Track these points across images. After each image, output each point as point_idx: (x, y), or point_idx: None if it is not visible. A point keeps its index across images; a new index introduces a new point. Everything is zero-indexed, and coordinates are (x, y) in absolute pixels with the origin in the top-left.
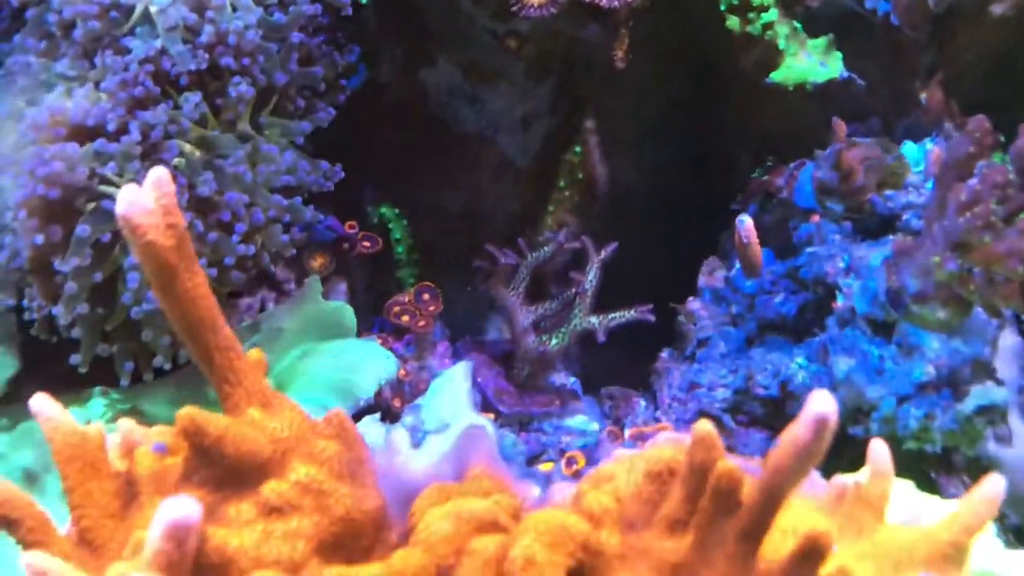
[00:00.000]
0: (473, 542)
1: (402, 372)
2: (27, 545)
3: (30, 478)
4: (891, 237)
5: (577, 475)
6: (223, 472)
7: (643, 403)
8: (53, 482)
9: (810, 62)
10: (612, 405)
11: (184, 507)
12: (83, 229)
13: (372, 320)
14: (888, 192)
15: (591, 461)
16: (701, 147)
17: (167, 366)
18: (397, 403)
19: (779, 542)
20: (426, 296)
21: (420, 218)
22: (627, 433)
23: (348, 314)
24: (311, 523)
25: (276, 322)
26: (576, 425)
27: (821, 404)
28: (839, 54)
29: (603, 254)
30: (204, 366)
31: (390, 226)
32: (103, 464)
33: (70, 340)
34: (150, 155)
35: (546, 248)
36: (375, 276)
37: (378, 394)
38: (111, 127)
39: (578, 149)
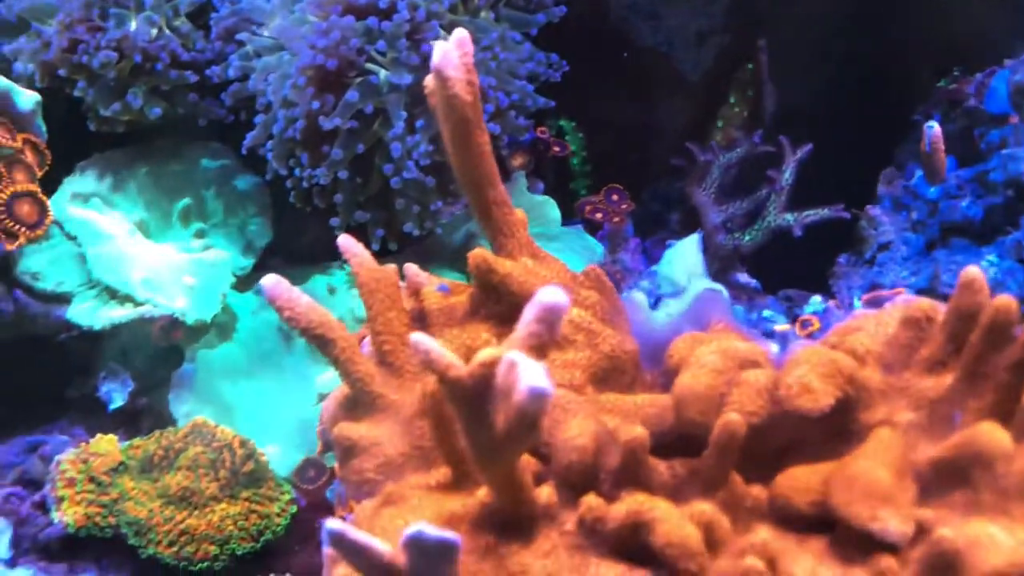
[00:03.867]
0: (744, 374)
1: None
2: (340, 362)
3: (283, 334)
4: None
5: (811, 336)
6: (506, 308)
7: (821, 302)
8: (300, 339)
9: None
10: (791, 305)
11: (557, 294)
12: (352, 95)
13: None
14: None
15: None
16: (871, 65)
17: (416, 232)
18: None
19: None
20: (615, 197)
21: (594, 131)
22: (863, 298)
23: (553, 206)
24: (584, 356)
25: None
26: (766, 317)
27: None
28: None
29: (799, 154)
30: (482, 218)
31: (567, 138)
32: (399, 298)
33: (319, 212)
34: (413, 35)
35: (739, 149)
36: (557, 181)
37: None
38: (382, 4)
39: (749, 66)
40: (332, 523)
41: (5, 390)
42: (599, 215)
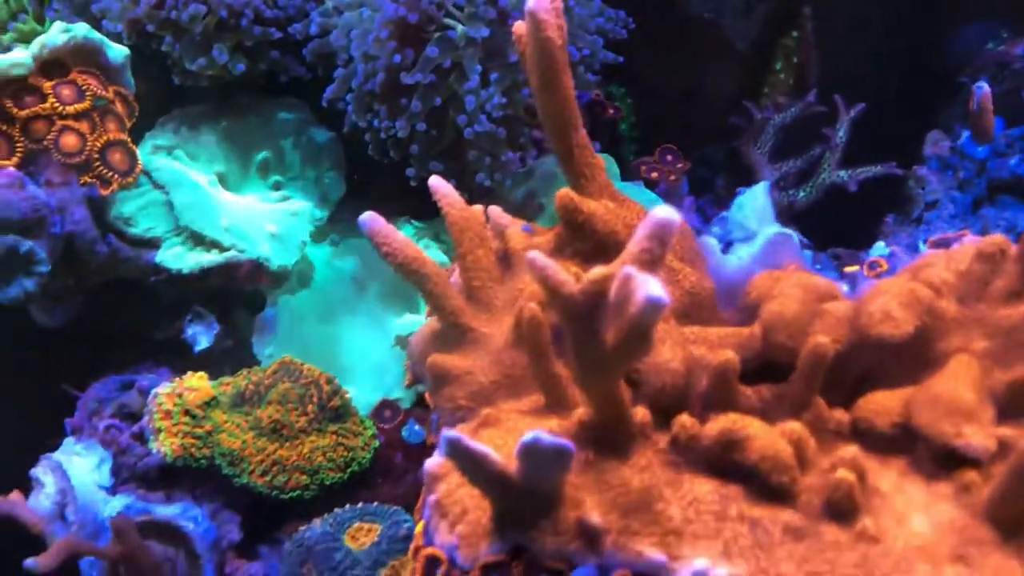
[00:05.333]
0: (826, 305)
1: None
2: (433, 296)
3: (357, 282)
4: None
5: (879, 278)
6: (590, 246)
7: (884, 247)
8: (373, 287)
9: None
10: (839, 263)
11: (669, 211)
12: (432, 50)
13: None
14: None
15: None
16: (917, 31)
17: (487, 182)
18: None
19: None
20: (669, 157)
21: (642, 97)
22: (928, 241)
23: (613, 163)
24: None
25: (549, 169)
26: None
27: None
28: None
29: (852, 112)
30: (565, 161)
31: (616, 103)
32: (487, 237)
33: (388, 167)
34: None
35: (793, 109)
36: (607, 145)
37: None
38: None
39: (795, 34)
40: (449, 432)
41: (97, 331)
42: (655, 174)
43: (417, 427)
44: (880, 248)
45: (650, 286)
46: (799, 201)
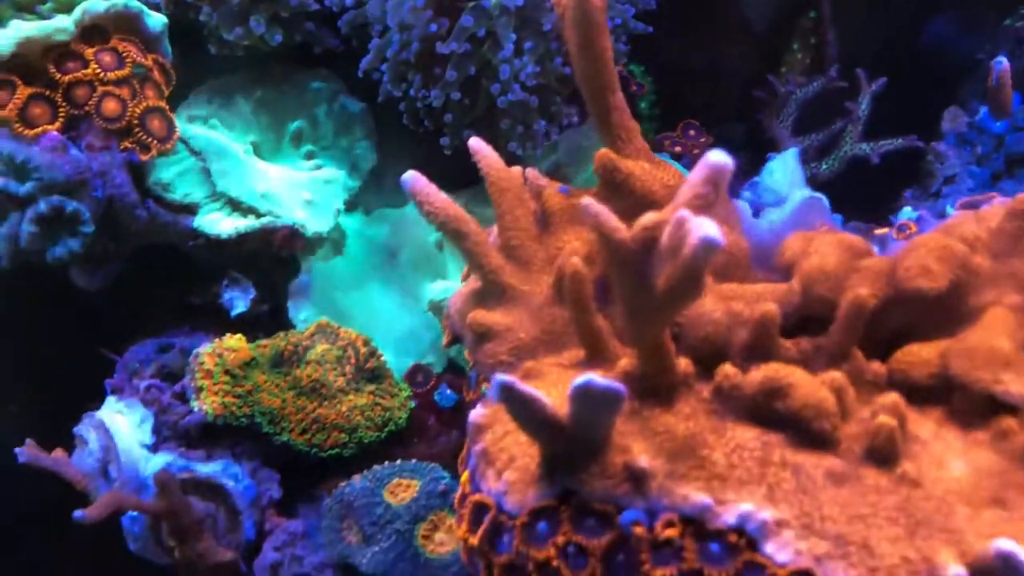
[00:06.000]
0: (862, 261)
1: None
2: (473, 254)
3: (387, 251)
4: None
5: (908, 240)
6: (629, 206)
7: (912, 210)
8: (403, 256)
9: None
10: (860, 234)
11: (723, 156)
12: (467, 19)
13: None
14: None
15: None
16: (931, 9)
17: (520, 151)
18: None
19: None
20: (692, 132)
21: (662, 76)
22: (958, 203)
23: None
24: None
25: (575, 141)
26: None
27: None
28: None
29: (874, 86)
30: (602, 124)
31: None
32: (525, 197)
33: (418, 138)
34: None
35: (815, 83)
36: None
37: None
38: None
39: (813, 14)
40: (502, 376)
41: (136, 296)
42: (678, 148)
43: (449, 391)
44: (908, 212)
45: (705, 227)
46: (822, 173)
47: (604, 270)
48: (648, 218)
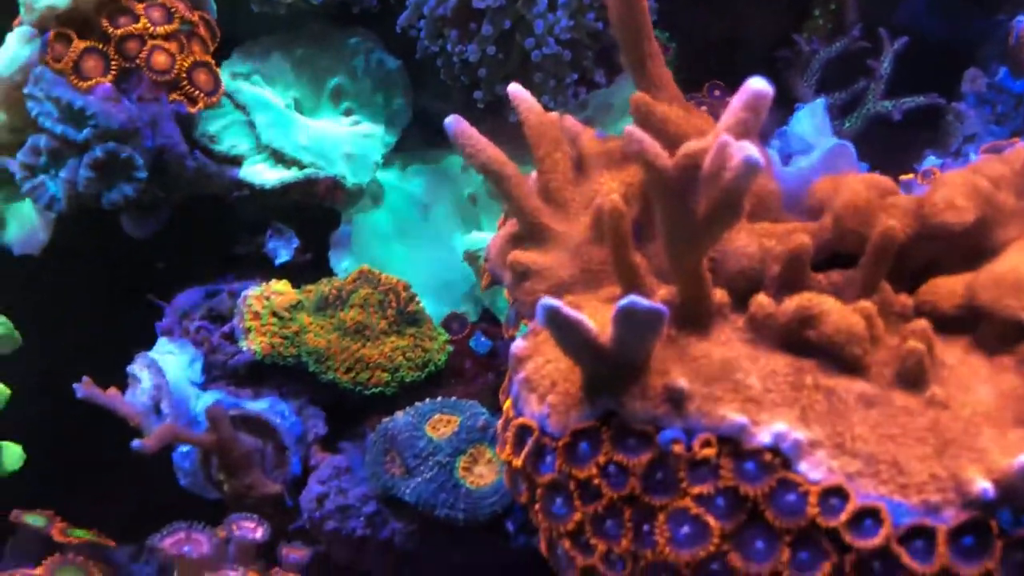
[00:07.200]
0: (891, 198)
1: None
2: (513, 197)
3: (423, 205)
4: None
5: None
6: (663, 149)
7: (935, 158)
8: (437, 209)
9: None
10: None
11: (763, 82)
12: None
13: None
14: None
15: None
16: None
17: (552, 105)
18: None
19: None
20: (717, 92)
21: (684, 42)
22: (982, 148)
23: None
24: None
25: (604, 100)
26: None
27: None
28: None
29: (896, 44)
30: (636, 71)
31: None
32: (563, 142)
33: (453, 95)
34: None
35: (839, 43)
36: None
37: None
38: None
39: None
40: (547, 300)
41: (182, 245)
42: (704, 108)
43: (484, 338)
44: (932, 159)
45: (747, 149)
46: (844, 131)
47: (640, 211)
48: (690, 146)
